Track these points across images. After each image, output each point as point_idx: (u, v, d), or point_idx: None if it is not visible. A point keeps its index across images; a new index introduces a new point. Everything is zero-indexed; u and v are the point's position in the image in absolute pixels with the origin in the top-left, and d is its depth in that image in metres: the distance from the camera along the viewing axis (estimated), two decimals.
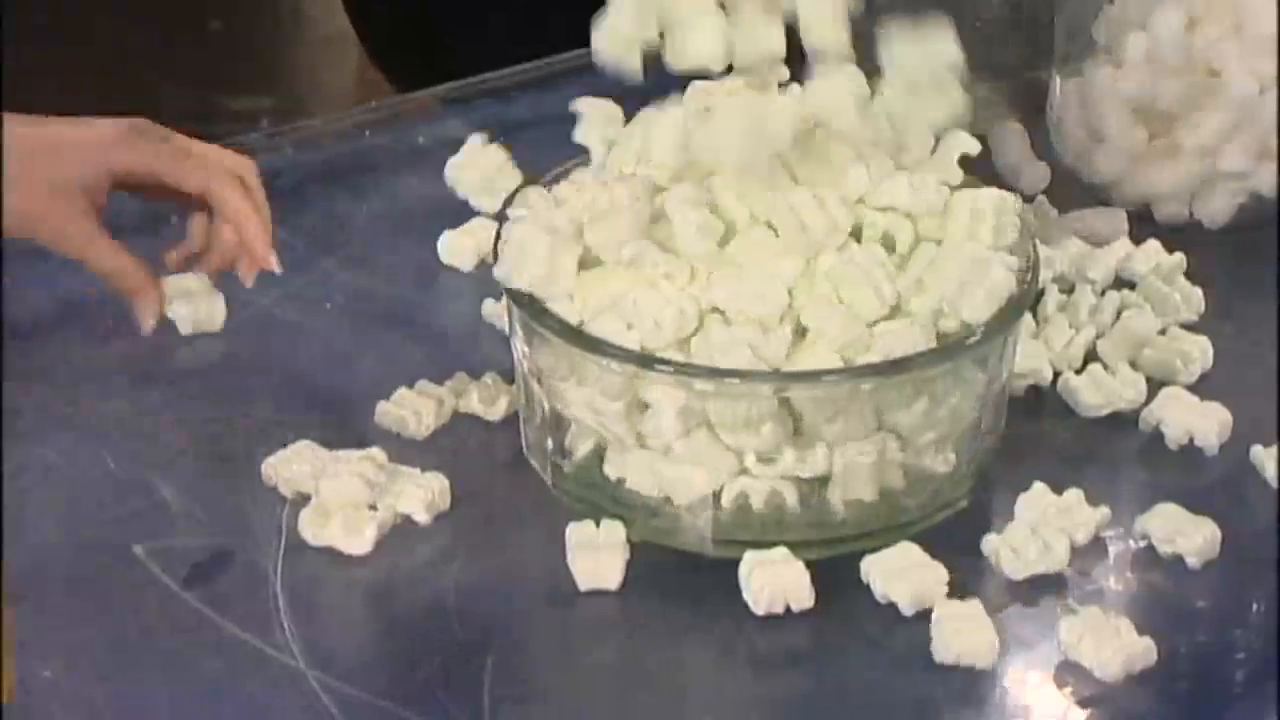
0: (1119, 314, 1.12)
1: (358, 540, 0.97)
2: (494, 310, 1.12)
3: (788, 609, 0.93)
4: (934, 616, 0.92)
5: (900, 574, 0.94)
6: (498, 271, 0.97)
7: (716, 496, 0.95)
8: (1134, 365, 1.09)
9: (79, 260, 1.06)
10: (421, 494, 0.99)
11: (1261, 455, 1.03)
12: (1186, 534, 0.96)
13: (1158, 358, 1.09)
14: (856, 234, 0.98)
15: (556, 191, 1.02)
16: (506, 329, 1.09)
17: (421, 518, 0.98)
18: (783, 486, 0.95)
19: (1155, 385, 1.08)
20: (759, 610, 0.93)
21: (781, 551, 0.94)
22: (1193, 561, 0.96)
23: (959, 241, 0.98)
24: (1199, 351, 1.10)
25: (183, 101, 2.47)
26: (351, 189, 1.25)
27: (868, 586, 0.95)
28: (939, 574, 0.94)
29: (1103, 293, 1.14)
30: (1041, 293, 1.12)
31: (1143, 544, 0.98)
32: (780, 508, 0.95)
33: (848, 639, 0.93)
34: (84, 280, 1.16)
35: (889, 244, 0.98)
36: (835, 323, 0.94)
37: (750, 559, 0.94)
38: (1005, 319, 0.97)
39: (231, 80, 2.67)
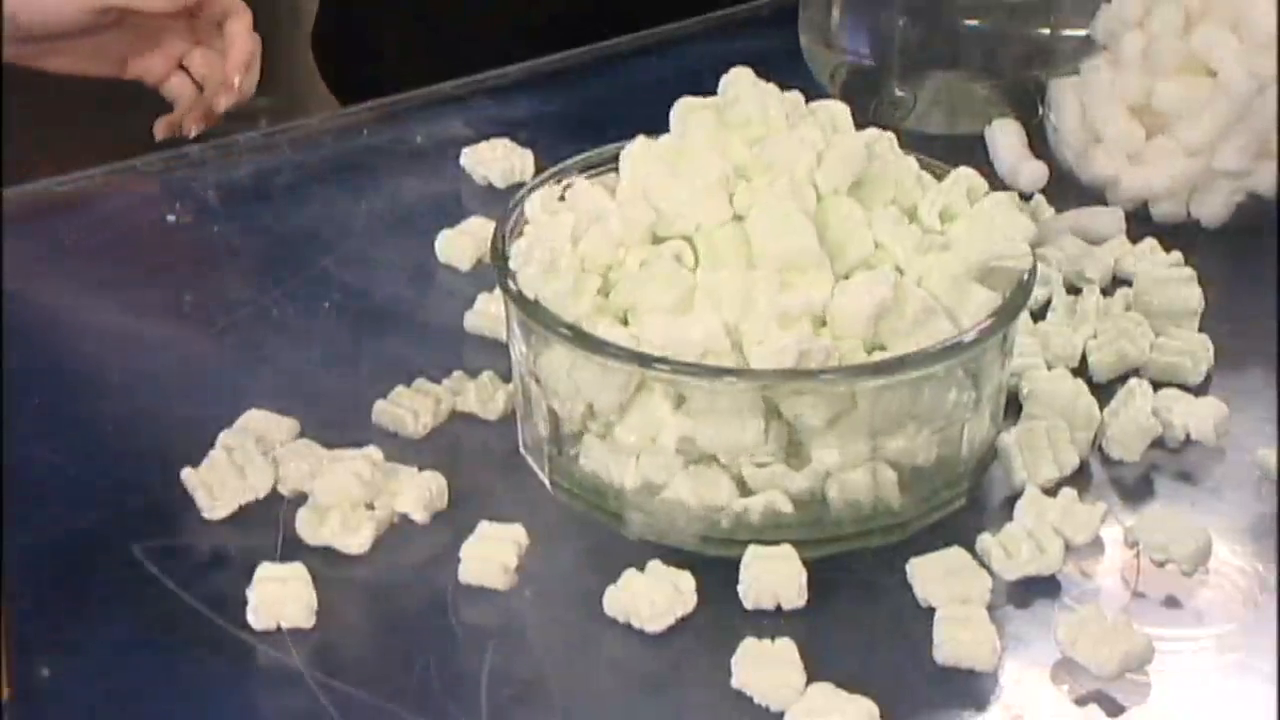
0: (1122, 312, 1.12)
1: (355, 539, 0.97)
2: (477, 323, 1.12)
3: (780, 607, 0.93)
4: (936, 617, 0.92)
5: (942, 578, 0.94)
6: (523, 279, 0.97)
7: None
8: (1138, 371, 1.09)
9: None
10: (419, 493, 0.99)
11: (1266, 457, 1.03)
12: (1179, 540, 0.96)
13: (1165, 360, 1.09)
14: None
15: (578, 196, 1.02)
16: (490, 334, 1.10)
17: (419, 516, 0.98)
18: (777, 499, 0.95)
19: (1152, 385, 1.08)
20: (750, 606, 0.93)
21: (783, 550, 0.94)
22: (1185, 568, 0.96)
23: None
24: (1204, 350, 1.10)
25: None
26: (349, 188, 1.25)
27: (865, 585, 0.96)
28: (984, 581, 0.94)
29: (1103, 292, 1.14)
30: (1049, 300, 1.12)
31: (1138, 544, 0.98)
32: (777, 512, 0.96)
33: (845, 637, 0.93)
34: (84, 279, 1.17)
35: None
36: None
37: (751, 555, 0.94)
38: (1002, 318, 0.97)
39: None
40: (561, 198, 1.03)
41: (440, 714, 0.89)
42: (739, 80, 1.02)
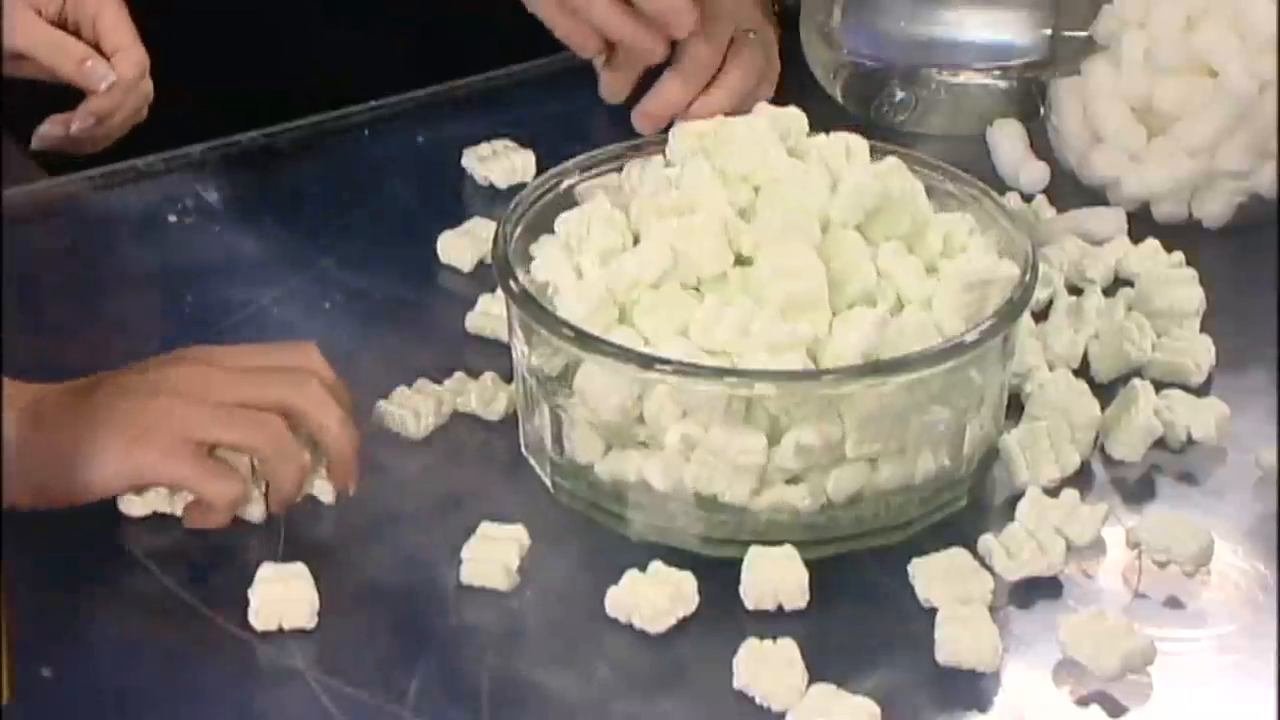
0: (1124, 312, 1.12)
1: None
2: (479, 324, 1.12)
3: (781, 608, 0.93)
4: (938, 617, 0.92)
5: (944, 579, 0.94)
6: (558, 301, 0.97)
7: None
8: (1140, 372, 1.09)
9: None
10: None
11: (1268, 458, 1.03)
12: (1181, 541, 0.96)
13: (1166, 361, 1.09)
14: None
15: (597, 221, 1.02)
16: (491, 335, 1.10)
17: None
18: (781, 513, 0.96)
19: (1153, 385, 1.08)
20: (752, 606, 0.93)
21: (785, 550, 0.94)
22: (1187, 569, 0.96)
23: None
24: (1205, 351, 1.10)
25: None
26: (351, 189, 1.25)
27: (867, 585, 0.96)
28: (985, 582, 0.94)
29: (1104, 293, 1.14)
30: (1051, 300, 1.12)
31: (1140, 544, 0.98)
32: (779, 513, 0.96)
33: (847, 638, 0.93)
34: (84, 279, 1.17)
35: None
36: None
37: (753, 555, 0.94)
38: (1003, 319, 0.97)
39: None
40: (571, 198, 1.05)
41: (441, 715, 0.89)
42: (733, 132, 1.02)
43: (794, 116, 1.04)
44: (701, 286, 0.98)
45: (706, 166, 1.01)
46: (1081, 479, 1.02)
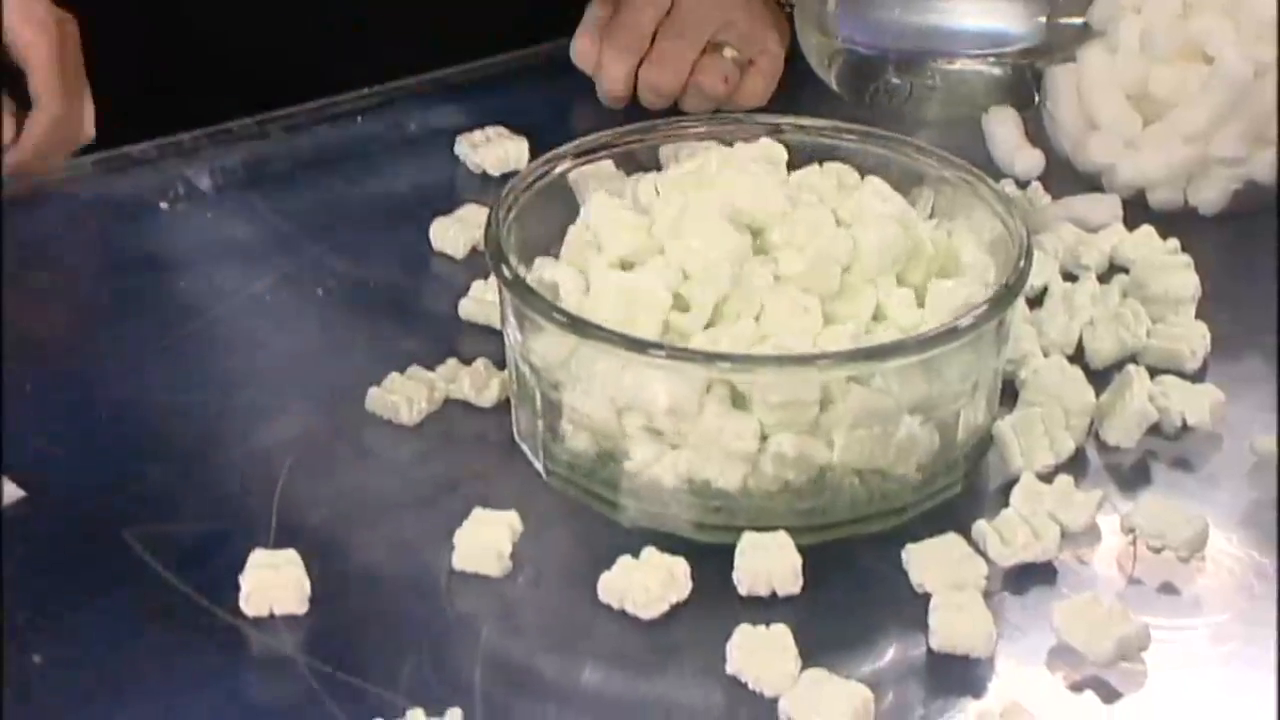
0: (1119, 299, 1.12)
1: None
2: (471, 311, 1.11)
3: (774, 593, 0.93)
4: (932, 603, 0.92)
5: (938, 565, 0.94)
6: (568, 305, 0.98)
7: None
8: (1135, 358, 1.09)
9: None
10: None
11: (1263, 444, 1.03)
12: (1175, 527, 0.96)
13: (1161, 347, 1.09)
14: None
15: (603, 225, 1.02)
16: (484, 322, 1.10)
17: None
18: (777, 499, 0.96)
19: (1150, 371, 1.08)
20: (745, 592, 0.93)
21: (778, 536, 0.94)
22: (1182, 555, 0.96)
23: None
24: (1200, 337, 1.10)
25: None
26: (343, 175, 1.25)
27: (861, 571, 0.95)
28: (979, 567, 0.94)
29: (1099, 279, 1.14)
30: (1046, 287, 1.12)
31: (1135, 530, 0.98)
32: (772, 497, 0.96)
33: (840, 623, 0.93)
34: (76, 266, 1.17)
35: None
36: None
37: (746, 541, 0.94)
38: (998, 305, 0.97)
39: None
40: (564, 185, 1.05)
41: (434, 701, 0.88)
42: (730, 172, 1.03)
43: (769, 149, 1.04)
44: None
45: (704, 208, 1.01)
46: (1076, 465, 1.02)
